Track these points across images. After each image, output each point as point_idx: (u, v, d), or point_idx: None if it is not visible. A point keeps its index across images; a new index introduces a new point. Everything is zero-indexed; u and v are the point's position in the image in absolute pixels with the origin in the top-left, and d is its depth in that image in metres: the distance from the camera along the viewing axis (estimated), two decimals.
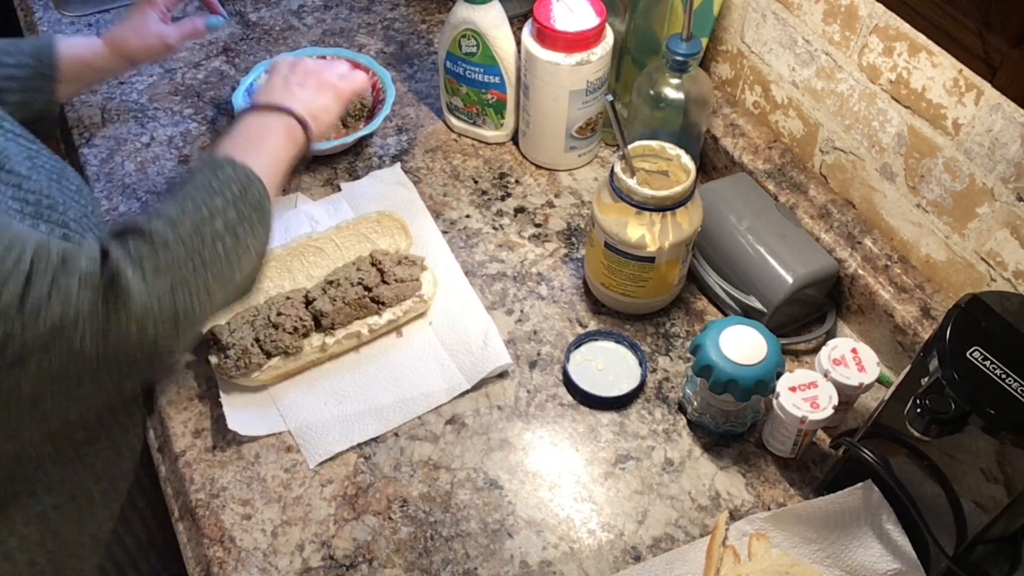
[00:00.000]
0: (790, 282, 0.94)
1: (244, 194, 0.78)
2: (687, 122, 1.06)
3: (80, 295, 0.66)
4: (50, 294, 0.65)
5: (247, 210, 0.77)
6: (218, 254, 0.74)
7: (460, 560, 0.83)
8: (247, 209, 0.77)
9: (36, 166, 0.83)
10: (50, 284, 0.65)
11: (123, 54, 1.07)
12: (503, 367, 0.95)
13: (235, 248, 0.76)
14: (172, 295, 0.71)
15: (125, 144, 1.19)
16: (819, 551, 0.82)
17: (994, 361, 0.68)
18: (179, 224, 0.73)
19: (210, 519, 0.85)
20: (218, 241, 0.74)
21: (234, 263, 0.76)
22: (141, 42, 1.07)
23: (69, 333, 0.66)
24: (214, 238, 0.74)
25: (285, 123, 0.89)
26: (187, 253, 0.72)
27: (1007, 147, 0.81)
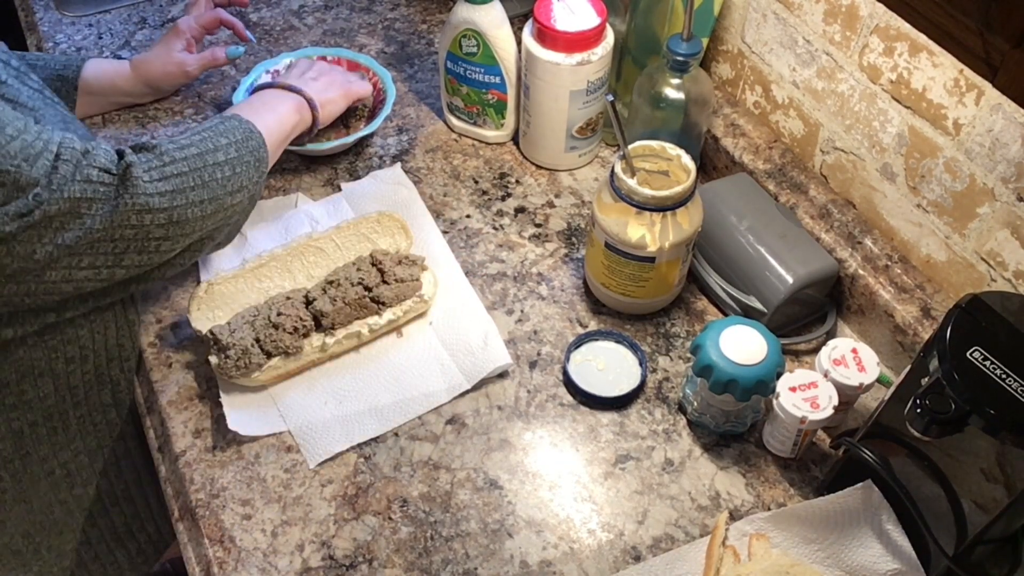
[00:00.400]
0: (790, 282, 0.94)
1: (246, 140, 0.90)
2: (687, 122, 1.06)
3: (98, 180, 0.77)
4: (74, 175, 0.76)
5: (246, 154, 0.89)
6: (216, 179, 0.86)
7: (460, 560, 0.83)
8: (246, 153, 0.89)
9: (70, 129, 0.92)
10: (74, 167, 0.76)
11: (145, 79, 1.15)
12: (503, 367, 0.95)
13: (232, 179, 0.87)
14: (170, 197, 0.82)
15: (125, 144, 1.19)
16: (819, 551, 0.82)
17: (994, 361, 0.68)
18: (186, 147, 0.85)
19: (210, 519, 0.85)
20: (218, 169, 0.86)
21: (230, 191, 0.87)
22: (162, 69, 1.14)
23: (84, 210, 0.77)
24: (215, 165, 0.86)
25: (295, 100, 1.02)
26: (190, 169, 0.84)
27: (1007, 147, 0.81)
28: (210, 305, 0.95)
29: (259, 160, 0.91)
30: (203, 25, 1.15)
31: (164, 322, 1.00)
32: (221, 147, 0.87)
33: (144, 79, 1.15)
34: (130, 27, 1.36)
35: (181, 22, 1.15)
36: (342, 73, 1.11)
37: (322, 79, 1.07)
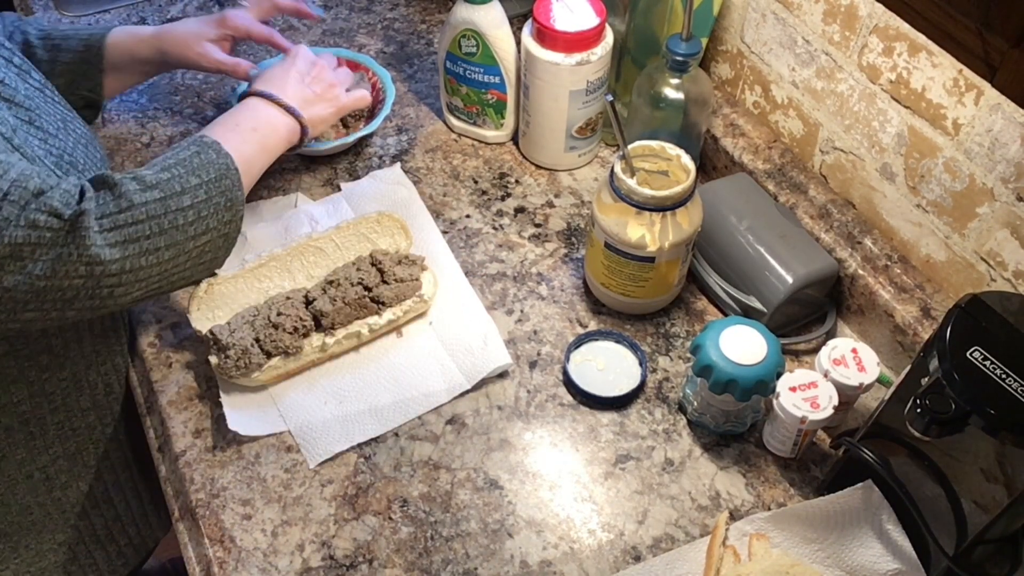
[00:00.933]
0: (790, 282, 0.94)
1: (219, 180, 0.84)
2: (687, 122, 1.06)
3: (44, 225, 0.73)
4: (18, 219, 0.72)
5: (216, 195, 0.84)
6: (177, 225, 0.81)
7: (460, 560, 0.83)
8: (217, 195, 0.84)
9: (67, 128, 0.91)
10: (20, 209, 0.72)
11: (161, 49, 1.07)
12: (503, 367, 0.95)
13: (196, 224, 0.82)
14: (123, 248, 0.77)
15: (125, 144, 1.19)
16: (819, 551, 0.82)
17: (994, 361, 0.68)
18: (149, 189, 0.80)
19: (210, 519, 0.85)
20: (180, 215, 0.81)
21: (192, 236, 0.82)
22: (180, 51, 1.08)
23: (26, 256, 0.73)
24: (178, 211, 0.80)
25: (287, 124, 0.96)
26: (147, 217, 0.79)
27: (1007, 147, 0.81)
28: (210, 305, 0.95)
29: (231, 201, 0.85)
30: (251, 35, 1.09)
31: (164, 322, 1.00)
32: (189, 189, 0.82)
33: (160, 48, 1.08)
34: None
35: (231, 15, 1.08)
36: (341, 81, 1.06)
37: (319, 89, 1.01)
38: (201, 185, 0.82)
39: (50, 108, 0.91)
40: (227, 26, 1.07)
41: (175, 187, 0.81)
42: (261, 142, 0.92)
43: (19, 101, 0.84)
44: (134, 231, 0.78)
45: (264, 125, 0.94)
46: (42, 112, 0.88)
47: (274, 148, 0.95)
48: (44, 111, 0.89)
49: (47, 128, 0.87)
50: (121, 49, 1.05)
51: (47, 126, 0.87)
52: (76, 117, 0.95)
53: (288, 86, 0.98)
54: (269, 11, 1.11)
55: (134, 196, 0.78)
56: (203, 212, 0.82)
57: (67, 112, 0.94)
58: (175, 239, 0.81)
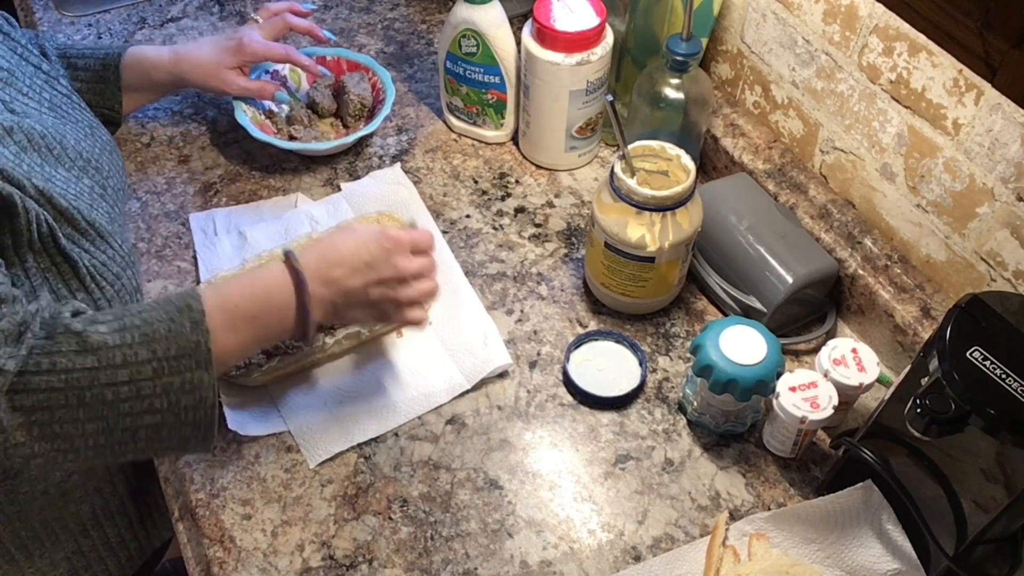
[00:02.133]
0: (790, 282, 0.94)
1: (177, 359, 0.72)
2: (687, 122, 1.06)
3: None
4: None
5: (169, 375, 0.72)
6: (103, 400, 0.70)
7: (460, 560, 0.83)
8: (169, 374, 0.72)
9: (94, 135, 0.92)
10: None
11: (182, 76, 1.09)
12: (503, 367, 0.95)
13: (131, 402, 0.71)
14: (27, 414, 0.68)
15: (125, 144, 1.19)
16: (819, 551, 0.82)
17: (994, 361, 0.68)
18: (84, 353, 0.70)
19: (210, 519, 0.85)
20: (109, 389, 0.70)
21: (126, 414, 0.72)
22: (204, 79, 1.09)
23: None
24: (107, 384, 0.70)
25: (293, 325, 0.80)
26: (67, 384, 0.69)
27: (1007, 147, 0.81)
28: None
29: (189, 384, 0.73)
30: (268, 57, 1.10)
31: None
32: (133, 363, 0.71)
33: (181, 75, 1.09)
34: (130, 27, 1.36)
35: (247, 41, 1.07)
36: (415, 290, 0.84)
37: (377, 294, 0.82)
38: (150, 361, 0.71)
39: (77, 114, 0.92)
40: (245, 53, 1.08)
41: (115, 358, 0.70)
42: (257, 332, 0.78)
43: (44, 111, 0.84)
44: (46, 399, 0.68)
45: (270, 315, 0.79)
46: (69, 118, 0.89)
47: (275, 339, 0.82)
48: (72, 117, 0.91)
49: (76, 132, 0.89)
50: (138, 71, 1.08)
51: (76, 131, 0.89)
52: (101, 125, 0.97)
53: (342, 269, 0.80)
54: (282, 31, 1.13)
55: (61, 359, 0.69)
56: (144, 391, 0.71)
57: (93, 119, 0.95)
58: (100, 414, 0.71)
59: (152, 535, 1.05)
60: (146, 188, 1.14)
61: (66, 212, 0.81)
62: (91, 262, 0.83)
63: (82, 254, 0.82)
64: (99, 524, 0.96)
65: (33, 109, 0.88)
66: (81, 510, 0.93)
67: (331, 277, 0.80)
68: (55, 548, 0.93)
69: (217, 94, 1.12)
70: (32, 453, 0.70)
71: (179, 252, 1.07)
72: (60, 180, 0.84)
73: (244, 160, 1.18)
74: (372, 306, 0.83)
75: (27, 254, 0.77)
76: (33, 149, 0.83)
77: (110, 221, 0.88)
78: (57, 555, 0.94)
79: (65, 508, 0.92)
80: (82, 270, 0.81)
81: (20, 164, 0.80)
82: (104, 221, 0.87)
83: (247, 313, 0.77)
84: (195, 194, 1.13)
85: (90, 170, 0.89)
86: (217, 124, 1.22)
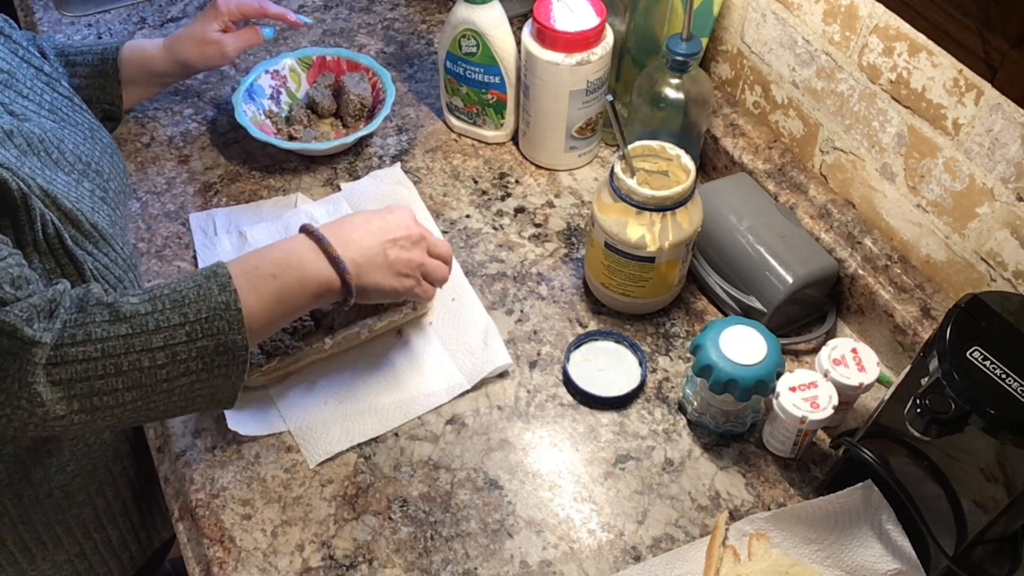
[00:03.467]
0: (790, 282, 0.94)
1: (209, 321, 0.74)
2: (687, 122, 1.06)
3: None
4: None
5: (203, 338, 0.74)
6: (140, 367, 0.72)
7: (460, 560, 0.83)
8: (203, 337, 0.74)
9: (94, 138, 0.92)
10: None
11: (180, 59, 1.10)
12: (503, 367, 0.95)
13: (168, 367, 0.73)
14: (67, 388, 0.70)
15: (125, 144, 1.19)
16: (819, 551, 0.82)
17: (994, 361, 0.68)
18: (118, 322, 0.72)
19: (210, 519, 0.85)
20: (145, 355, 0.72)
21: (164, 379, 0.73)
22: (198, 49, 1.09)
23: None
24: (143, 350, 0.72)
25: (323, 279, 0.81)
26: (103, 354, 0.71)
27: (1007, 147, 0.81)
28: None
29: (223, 346, 0.74)
30: (243, 11, 1.10)
31: None
32: (166, 328, 0.72)
33: (177, 59, 1.09)
34: (130, 27, 1.36)
35: (220, 2, 1.09)
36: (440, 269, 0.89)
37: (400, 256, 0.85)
38: (183, 325, 0.73)
39: (78, 117, 0.92)
40: (221, 13, 1.09)
41: (149, 324, 0.72)
42: (278, 293, 0.78)
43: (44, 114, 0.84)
44: (83, 369, 0.70)
45: (289, 273, 0.79)
46: (69, 121, 0.89)
47: (297, 302, 0.80)
48: (72, 120, 0.91)
49: (75, 136, 0.89)
50: (135, 64, 1.09)
51: (75, 134, 0.89)
52: (101, 127, 0.97)
53: (357, 233, 0.83)
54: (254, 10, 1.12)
55: (95, 329, 0.71)
56: (180, 355, 0.73)
57: (93, 121, 0.95)
58: (138, 381, 0.72)
59: (153, 535, 1.05)
60: (146, 188, 1.14)
61: (70, 214, 0.81)
62: (95, 264, 0.83)
63: (87, 256, 0.82)
64: (102, 526, 0.96)
65: (33, 112, 0.88)
66: (84, 512, 0.94)
67: (348, 238, 0.82)
68: (58, 550, 0.94)
69: (218, 63, 1.11)
70: (71, 423, 0.72)
71: (179, 252, 1.07)
72: (61, 184, 0.84)
73: (244, 160, 1.18)
74: (391, 268, 0.84)
75: (33, 254, 0.77)
76: (33, 153, 0.83)
77: (111, 224, 0.88)
78: (60, 557, 0.94)
79: (68, 510, 0.92)
80: (87, 272, 0.81)
81: (23, 166, 0.80)
82: (106, 224, 0.87)
83: (266, 273, 0.78)
84: (195, 194, 1.13)
85: (90, 174, 0.89)
86: (217, 124, 1.22)
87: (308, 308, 0.82)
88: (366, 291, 0.83)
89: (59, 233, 0.79)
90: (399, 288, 0.85)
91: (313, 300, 0.81)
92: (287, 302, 0.80)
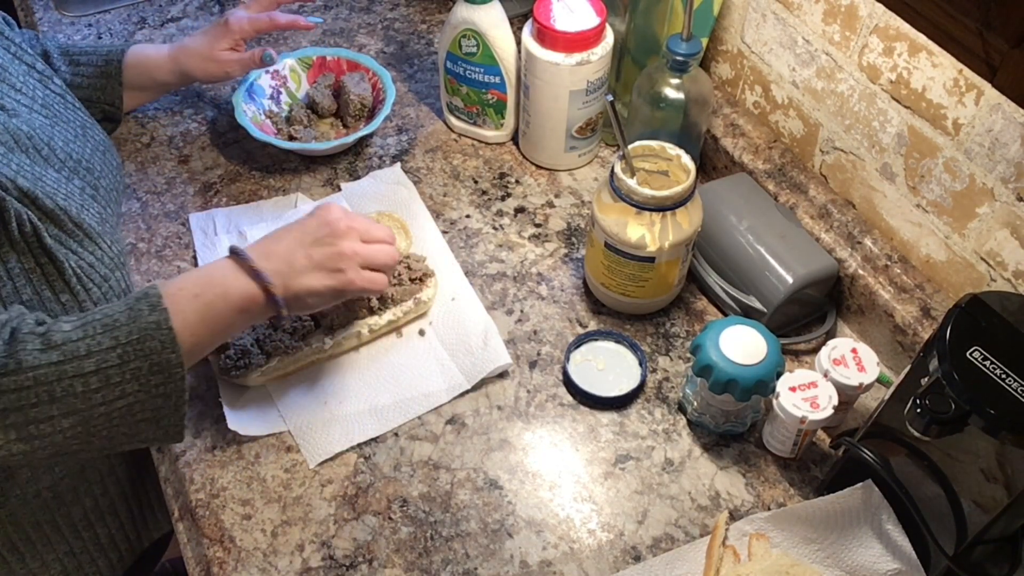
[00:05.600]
0: (790, 282, 0.94)
1: (140, 342, 0.74)
2: (687, 122, 1.06)
3: None
4: None
5: (136, 359, 0.73)
6: (73, 392, 0.72)
7: (460, 560, 0.83)
8: (136, 358, 0.73)
9: (86, 135, 0.91)
10: None
11: (184, 71, 1.11)
12: (503, 367, 0.95)
13: (103, 391, 0.73)
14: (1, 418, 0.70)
15: (125, 144, 1.19)
16: (819, 551, 0.82)
17: (994, 361, 0.68)
18: (49, 350, 0.71)
19: (210, 519, 0.85)
20: (78, 380, 0.72)
21: (99, 403, 0.73)
22: (203, 65, 1.10)
23: None
24: (75, 376, 0.72)
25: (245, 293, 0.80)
26: (35, 382, 0.71)
27: (1007, 147, 0.81)
28: None
29: (157, 366, 0.74)
30: (256, 29, 1.10)
31: None
32: (97, 352, 0.72)
33: (182, 70, 1.10)
34: (130, 27, 1.36)
35: (233, 19, 1.09)
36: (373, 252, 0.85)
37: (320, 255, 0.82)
38: (115, 348, 0.73)
39: (70, 114, 0.92)
40: (232, 31, 1.09)
41: (80, 350, 0.72)
42: (202, 312, 0.78)
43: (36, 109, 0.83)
44: (16, 399, 0.70)
45: (211, 290, 0.79)
46: (61, 118, 0.89)
47: (224, 319, 0.79)
48: (63, 117, 0.91)
49: (66, 133, 0.89)
50: (140, 70, 1.09)
51: (66, 131, 0.89)
52: (95, 124, 0.96)
53: (280, 244, 0.82)
54: (269, 5, 1.12)
55: (27, 358, 0.70)
56: (114, 378, 0.73)
57: (87, 119, 0.95)
58: (74, 407, 0.72)
59: (143, 534, 1.05)
60: (146, 188, 1.14)
61: (52, 213, 0.81)
62: (78, 263, 0.82)
63: (69, 255, 0.82)
64: (90, 524, 0.96)
65: (24, 107, 0.88)
66: (73, 512, 0.93)
67: (270, 251, 0.82)
68: (46, 549, 0.93)
69: (220, 80, 1.12)
70: (10, 454, 0.72)
71: (179, 252, 1.07)
72: (50, 181, 0.83)
73: (244, 160, 1.18)
74: (318, 267, 0.81)
75: (10, 254, 0.77)
76: (20, 150, 0.83)
77: (100, 222, 0.88)
78: (48, 556, 0.94)
79: (57, 510, 0.92)
80: (68, 271, 0.81)
81: (8, 164, 0.80)
82: (94, 222, 0.86)
83: (189, 294, 0.78)
84: (195, 194, 1.13)
85: (80, 171, 0.88)
86: (217, 124, 1.22)
87: (241, 325, 0.81)
88: (298, 298, 0.81)
89: (37, 232, 0.78)
90: (334, 284, 0.82)
91: (241, 315, 0.80)
92: (212, 320, 0.79)
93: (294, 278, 0.81)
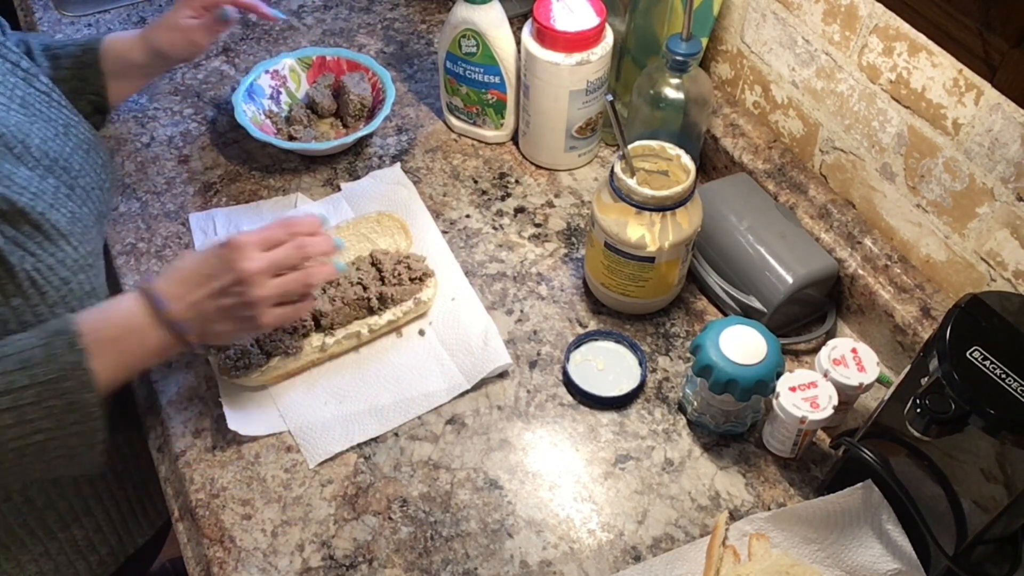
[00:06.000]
0: (790, 282, 0.94)
1: (57, 382, 0.73)
2: (687, 122, 1.06)
3: None
4: None
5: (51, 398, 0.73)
6: None
7: (460, 560, 0.83)
8: (52, 397, 0.73)
9: (68, 134, 0.90)
10: None
11: (154, 47, 1.07)
12: (503, 367, 0.95)
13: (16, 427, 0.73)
14: None
15: (125, 144, 1.19)
16: (819, 551, 0.82)
17: (994, 361, 0.68)
18: None
19: (210, 519, 0.85)
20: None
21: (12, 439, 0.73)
22: (168, 36, 1.06)
23: None
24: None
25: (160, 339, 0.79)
26: None
27: (1007, 147, 0.81)
28: None
29: (73, 404, 0.74)
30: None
31: None
32: (12, 390, 0.72)
33: (152, 47, 1.07)
34: (129, 27, 1.36)
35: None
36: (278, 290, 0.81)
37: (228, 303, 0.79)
38: (30, 386, 0.72)
39: (52, 113, 0.91)
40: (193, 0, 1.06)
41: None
42: (117, 356, 0.77)
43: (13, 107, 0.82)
44: None
45: (130, 337, 0.78)
46: (42, 117, 0.88)
47: (142, 362, 0.80)
48: (45, 115, 0.90)
49: (45, 131, 0.88)
50: (115, 55, 1.06)
51: (45, 129, 0.88)
52: (81, 122, 0.95)
53: (192, 293, 0.80)
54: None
55: None
56: (28, 416, 0.72)
57: (71, 117, 0.94)
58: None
59: (124, 538, 1.04)
60: (146, 188, 1.14)
61: (7, 213, 0.79)
62: (35, 265, 0.80)
63: (25, 256, 0.80)
64: (66, 526, 0.96)
65: (1, 105, 0.87)
66: (46, 514, 0.93)
67: (178, 294, 0.80)
68: (21, 551, 0.93)
69: (190, 53, 1.08)
70: None
71: (179, 252, 1.07)
72: (21, 179, 0.82)
73: (244, 160, 1.18)
74: (229, 317, 0.80)
75: None
76: None
77: (72, 221, 0.86)
78: (23, 557, 0.94)
79: (30, 514, 0.91)
80: (20, 274, 0.79)
81: None
82: (64, 221, 0.84)
83: (107, 337, 0.77)
84: (195, 194, 1.13)
85: (57, 169, 0.87)
86: (217, 124, 1.22)
87: (156, 364, 0.82)
88: (217, 340, 0.83)
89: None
90: (247, 328, 0.82)
91: (157, 358, 0.81)
92: (129, 364, 0.79)
93: (207, 326, 0.81)
